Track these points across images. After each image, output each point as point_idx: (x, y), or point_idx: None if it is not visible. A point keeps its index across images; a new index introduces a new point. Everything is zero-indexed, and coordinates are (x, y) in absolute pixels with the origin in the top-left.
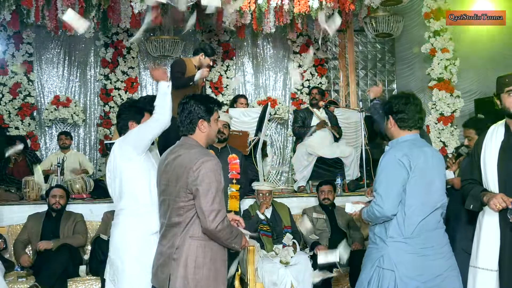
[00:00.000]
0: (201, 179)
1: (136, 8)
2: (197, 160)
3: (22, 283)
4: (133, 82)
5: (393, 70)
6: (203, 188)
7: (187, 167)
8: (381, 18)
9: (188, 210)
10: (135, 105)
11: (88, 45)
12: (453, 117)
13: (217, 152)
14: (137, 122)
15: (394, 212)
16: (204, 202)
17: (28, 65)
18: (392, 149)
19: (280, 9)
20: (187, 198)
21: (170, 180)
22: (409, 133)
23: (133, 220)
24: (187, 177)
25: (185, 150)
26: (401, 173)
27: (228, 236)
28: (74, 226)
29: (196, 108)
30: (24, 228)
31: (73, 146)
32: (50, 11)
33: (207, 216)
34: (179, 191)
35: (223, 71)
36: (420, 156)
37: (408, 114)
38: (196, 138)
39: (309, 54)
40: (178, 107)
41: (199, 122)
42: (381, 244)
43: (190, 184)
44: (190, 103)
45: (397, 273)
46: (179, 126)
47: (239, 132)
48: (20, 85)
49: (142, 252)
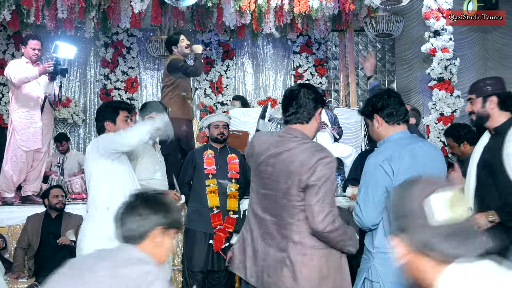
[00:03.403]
0: (317, 176)
1: (136, 8)
2: (314, 157)
3: (22, 283)
4: (133, 82)
5: (393, 70)
6: (318, 185)
7: (301, 163)
8: (381, 18)
9: (302, 210)
10: (110, 105)
11: (88, 45)
12: (453, 117)
13: (217, 152)
14: (113, 121)
15: (375, 222)
16: (314, 200)
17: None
18: (376, 151)
19: (280, 9)
20: (299, 198)
21: (277, 176)
22: (398, 129)
23: (90, 224)
24: (301, 174)
25: (295, 143)
26: (381, 178)
27: (340, 238)
28: (76, 229)
29: (311, 99)
30: (24, 231)
31: (73, 146)
32: (50, 11)
33: (315, 216)
34: (290, 188)
35: (223, 71)
36: (405, 156)
37: (394, 107)
38: (305, 129)
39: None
40: (290, 95)
41: (316, 113)
42: (368, 255)
43: (304, 181)
44: (307, 91)
45: (382, 286)
46: (294, 113)
47: (239, 132)
48: None
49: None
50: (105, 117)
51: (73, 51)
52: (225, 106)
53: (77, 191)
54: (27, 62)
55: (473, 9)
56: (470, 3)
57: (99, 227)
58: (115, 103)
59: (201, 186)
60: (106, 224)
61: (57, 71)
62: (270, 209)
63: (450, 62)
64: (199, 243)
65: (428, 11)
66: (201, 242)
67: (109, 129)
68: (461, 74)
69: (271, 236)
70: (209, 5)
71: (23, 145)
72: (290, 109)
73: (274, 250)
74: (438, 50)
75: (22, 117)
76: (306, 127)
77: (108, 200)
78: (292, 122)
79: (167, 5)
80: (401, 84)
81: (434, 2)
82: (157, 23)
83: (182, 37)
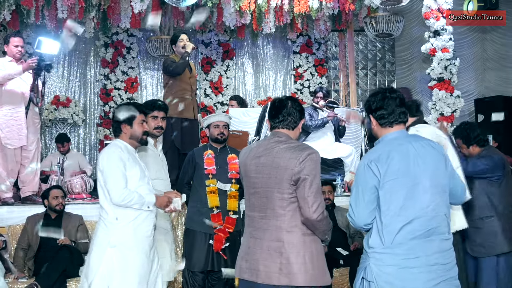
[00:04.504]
0: (308, 170)
1: (136, 8)
2: (303, 152)
3: (22, 283)
4: (133, 82)
5: (393, 70)
6: (310, 178)
7: (292, 158)
8: (381, 18)
9: (292, 202)
10: (128, 107)
11: (88, 45)
12: (453, 117)
13: (217, 152)
14: (129, 124)
15: (367, 221)
16: (309, 192)
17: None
18: (368, 152)
19: (280, 9)
20: (290, 190)
21: (268, 172)
22: (391, 130)
23: (101, 228)
24: (292, 168)
25: (283, 144)
26: (369, 179)
27: (325, 228)
28: (77, 230)
29: (298, 110)
30: (24, 231)
31: (73, 146)
32: (50, 11)
33: (310, 206)
34: (281, 182)
35: (223, 71)
36: (394, 157)
37: (387, 109)
38: (290, 134)
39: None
40: (273, 105)
41: (300, 122)
42: (365, 255)
43: (296, 174)
44: (294, 103)
45: (376, 286)
46: (282, 120)
47: (239, 132)
48: None
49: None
50: (123, 120)
51: (57, 46)
52: (225, 106)
53: (77, 191)
54: (11, 60)
55: (473, 9)
56: (470, 3)
57: (105, 234)
58: (132, 105)
59: (201, 186)
60: (114, 232)
61: (41, 67)
62: (258, 206)
63: (450, 62)
64: (199, 243)
65: (428, 11)
66: (201, 242)
67: (125, 131)
68: (459, 74)
69: (261, 230)
70: (209, 5)
71: (8, 143)
72: (280, 116)
73: (267, 242)
74: (438, 50)
75: (6, 114)
76: (291, 133)
77: (117, 210)
78: (280, 127)
79: (167, 5)
80: (401, 84)
81: (434, 2)
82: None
83: (182, 37)
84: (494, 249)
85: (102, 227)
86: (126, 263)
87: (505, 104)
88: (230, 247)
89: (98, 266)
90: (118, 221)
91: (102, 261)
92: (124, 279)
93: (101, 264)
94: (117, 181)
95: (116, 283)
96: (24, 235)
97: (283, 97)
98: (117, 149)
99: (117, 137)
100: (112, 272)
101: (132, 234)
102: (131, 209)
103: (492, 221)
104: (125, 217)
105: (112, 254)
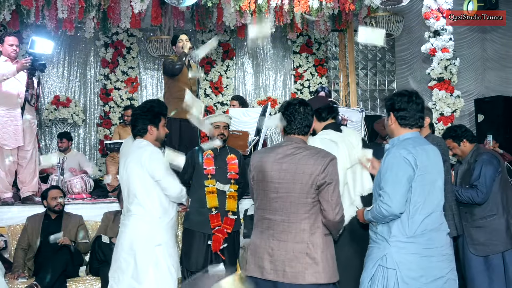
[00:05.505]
0: (331, 175)
1: (136, 8)
2: (325, 158)
3: (22, 283)
4: (133, 82)
5: (393, 70)
6: (334, 183)
7: (316, 165)
8: (381, 18)
9: (314, 205)
10: (153, 110)
11: (88, 45)
12: (453, 117)
13: (216, 153)
14: (155, 126)
15: (402, 210)
16: (332, 196)
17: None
18: (395, 147)
19: (280, 9)
20: (313, 194)
21: (291, 178)
22: (409, 131)
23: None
24: (318, 174)
25: (304, 150)
26: (407, 170)
27: (341, 227)
28: (77, 230)
29: (311, 114)
30: (24, 231)
31: (73, 146)
32: (50, 11)
33: (333, 208)
34: (306, 187)
35: (223, 71)
36: (423, 154)
37: (409, 112)
38: (304, 139)
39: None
40: (288, 108)
41: (311, 127)
42: (384, 244)
43: (321, 180)
44: (308, 108)
45: (399, 273)
46: (299, 128)
47: (239, 132)
48: None
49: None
50: (150, 121)
51: (51, 46)
52: (225, 106)
53: (77, 191)
54: (6, 60)
55: (473, 9)
56: (470, 3)
57: (149, 233)
58: (156, 107)
59: (200, 186)
60: (158, 231)
61: (35, 67)
62: (280, 209)
63: (450, 62)
64: (197, 243)
65: (428, 11)
66: (200, 242)
67: (151, 132)
68: (459, 74)
69: (285, 233)
70: (209, 5)
71: (5, 144)
72: (296, 123)
73: (291, 244)
74: (438, 50)
75: (2, 115)
76: (305, 138)
77: (160, 209)
78: (295, 133)
79: (167, 5)
80: (401, 84)
81: (434, 2)
82: (157, 23)
83: (181, 37)
84: (499, 247)
85: (143, 227)
86: (171, 260)
87: (505, 104)
88: (228, 248)
89: (147, 266)
90: (161, 220)
91: (151, 261)
92: (170, 275)
93: (150, 264)
94: (171, 177)
95: (164, 281)
96: (24, 235)
97: (295, 102)
98: (155, 149)
99: (141, 137)
100: (162, 270)
101: (171, 232)
102: (171, 208)
103: (495, 219)
104: (166, 216)
105: (158, 253)
